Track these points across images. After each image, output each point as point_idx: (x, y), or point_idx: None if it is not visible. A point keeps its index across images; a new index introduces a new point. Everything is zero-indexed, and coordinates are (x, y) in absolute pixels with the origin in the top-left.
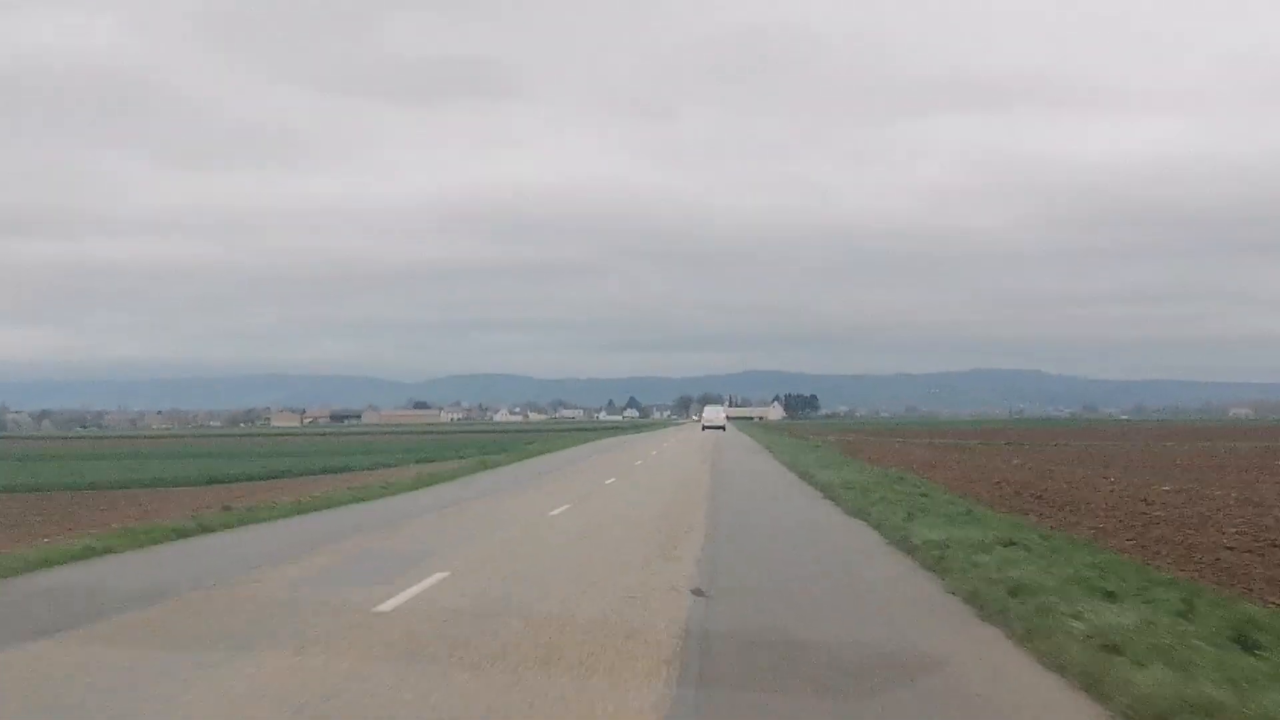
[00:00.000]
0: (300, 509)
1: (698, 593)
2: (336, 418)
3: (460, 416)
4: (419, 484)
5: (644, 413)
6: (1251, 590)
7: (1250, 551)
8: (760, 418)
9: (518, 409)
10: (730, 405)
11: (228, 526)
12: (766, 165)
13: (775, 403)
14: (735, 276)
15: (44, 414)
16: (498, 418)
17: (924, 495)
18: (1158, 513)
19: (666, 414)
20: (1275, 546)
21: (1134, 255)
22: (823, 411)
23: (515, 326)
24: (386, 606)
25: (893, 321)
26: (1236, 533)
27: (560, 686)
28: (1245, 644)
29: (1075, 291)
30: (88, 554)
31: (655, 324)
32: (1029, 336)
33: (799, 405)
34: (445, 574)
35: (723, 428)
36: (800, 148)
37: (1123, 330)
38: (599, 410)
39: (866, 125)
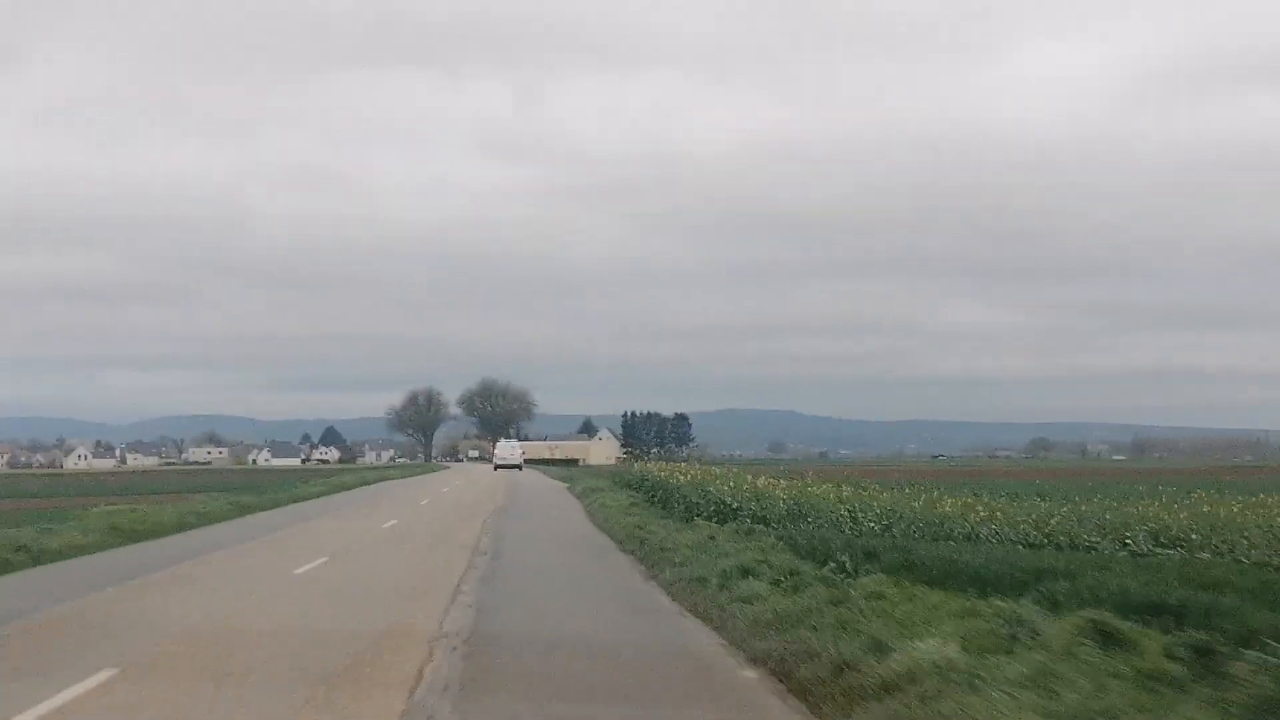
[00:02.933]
0: None
1: None
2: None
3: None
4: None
5: (349, 453)
6: None
7: None
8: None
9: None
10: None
11: None
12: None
13: (605, 433)
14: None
15: None
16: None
17: None
18: None
19: (390, 456)
20: None
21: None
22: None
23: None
24: None
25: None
26: None
27: None
28: None
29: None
30: None
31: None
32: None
33: (646, 435)
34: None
35: (519, 466)
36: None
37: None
38: (255, 449)
39: None
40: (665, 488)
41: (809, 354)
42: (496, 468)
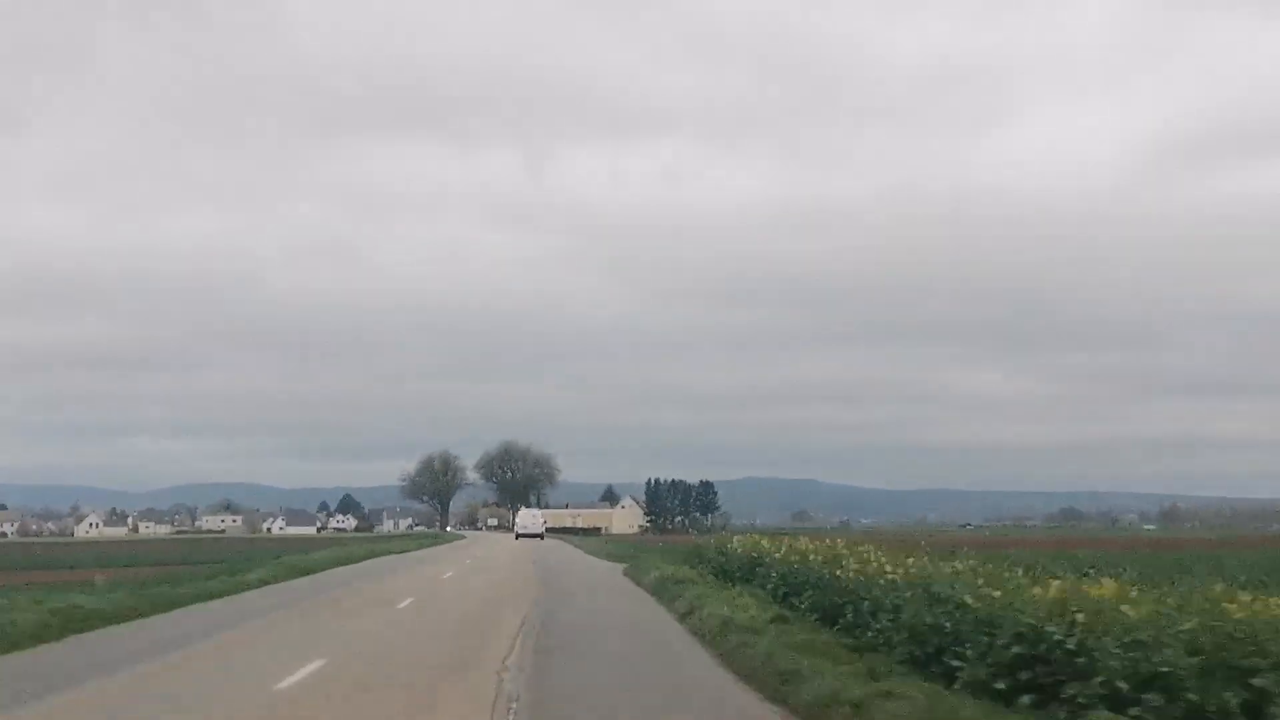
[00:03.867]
0: None
1: None
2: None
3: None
4: None
5: (366, 521)
6: None
7: None
8: (595, 528)
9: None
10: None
11: None
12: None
13: (628, 501)
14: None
15: None
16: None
17: None
18: None
19: (409, 524)
20: None
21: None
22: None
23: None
24: None
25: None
26: None
27: None
28: None
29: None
30: None
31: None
32: (796, 445)
33: (671, 503)
34: None
35: (541, 535)
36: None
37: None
38: (270, 517)
39: None
40: (805, 579)
41: (824, 422)
42: (518, 536)
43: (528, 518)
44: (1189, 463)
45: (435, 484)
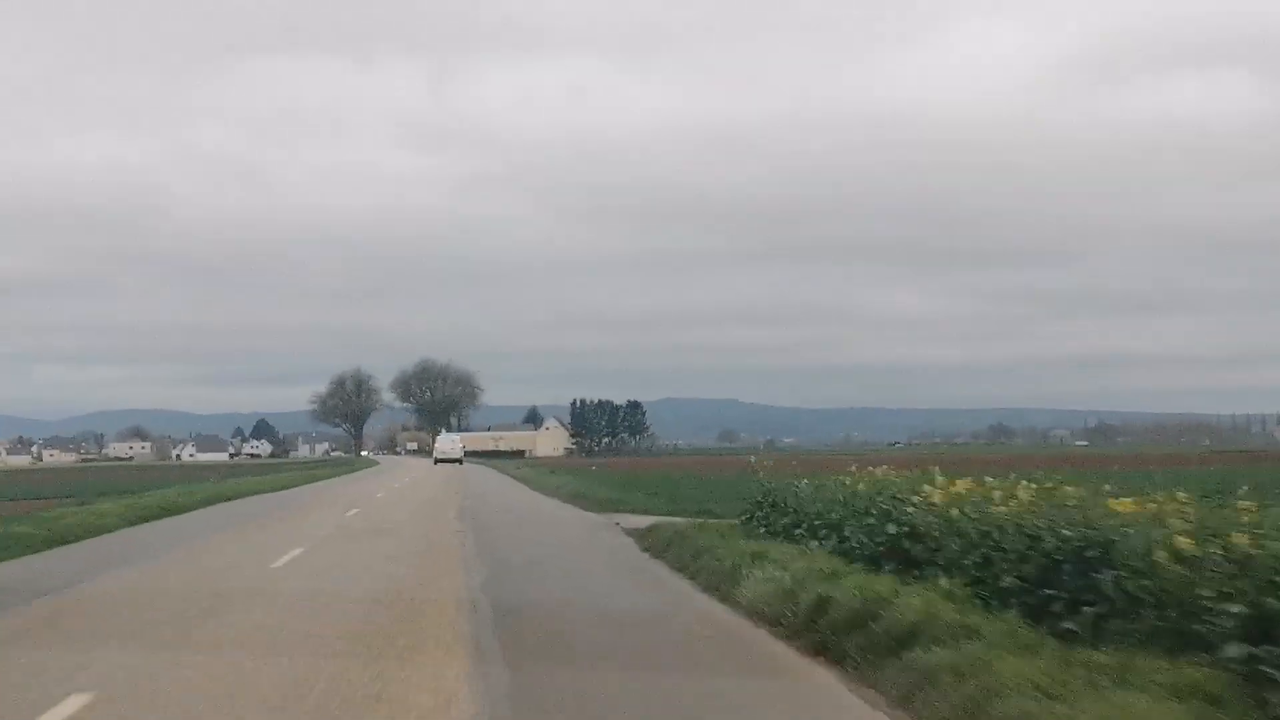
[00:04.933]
0: None
1: None
2: None
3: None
4: None
5: (281, 446)
6: None
7: None
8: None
9: None
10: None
11: None
12: None
13: (552, 422)
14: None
15: None
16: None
17: None
18: None
19: (325, 449)
20: None
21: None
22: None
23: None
24: None
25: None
26: None
27: None
28: None
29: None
30: None
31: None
32: (715, 366)
33: (597, 424)
34: None
35: (459, 460)
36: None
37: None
38: (181, 444)
39: None
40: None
41: (745, 343)
42: (436, 462)
43: (446, 443)
44: (1115, 380)
45: (348, 406)
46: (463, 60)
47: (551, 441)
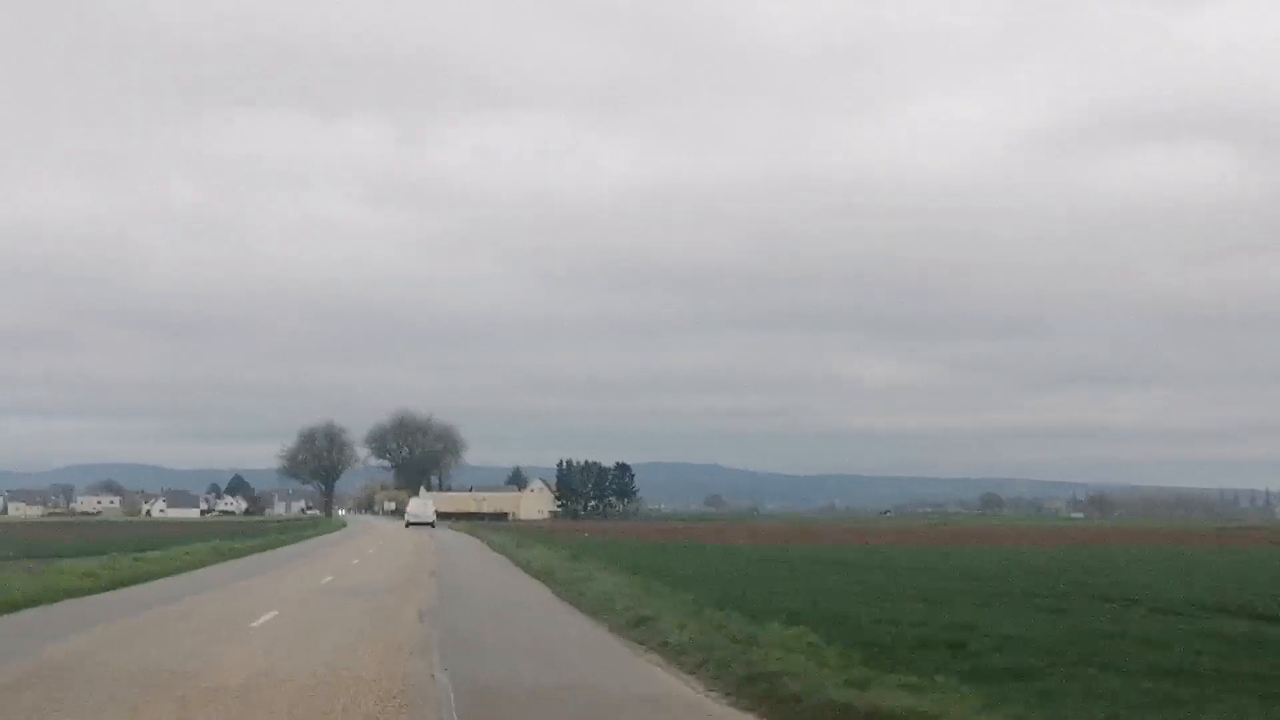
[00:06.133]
0: None
1: None
2: None
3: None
4: None
5: (256, 503)
6: None
7: None
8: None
9: None
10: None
11: None
12: None
13: (537, 484)
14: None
15: None
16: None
17: None
18: None
19: (301, 506)
20: None
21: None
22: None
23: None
24: None
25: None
26: None
27: None
28: None
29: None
30: None
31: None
32: (695, 430)
33: (584, 487)
34: None
35: (431, 524)
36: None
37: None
38: (152, 499)
39: None
40: None
41: (725, 408)
42: (408, 525)
43: (417, 506)
44: (1096, 451)
45: (319, 462)
46: (427, 117)
47: (536, 504)
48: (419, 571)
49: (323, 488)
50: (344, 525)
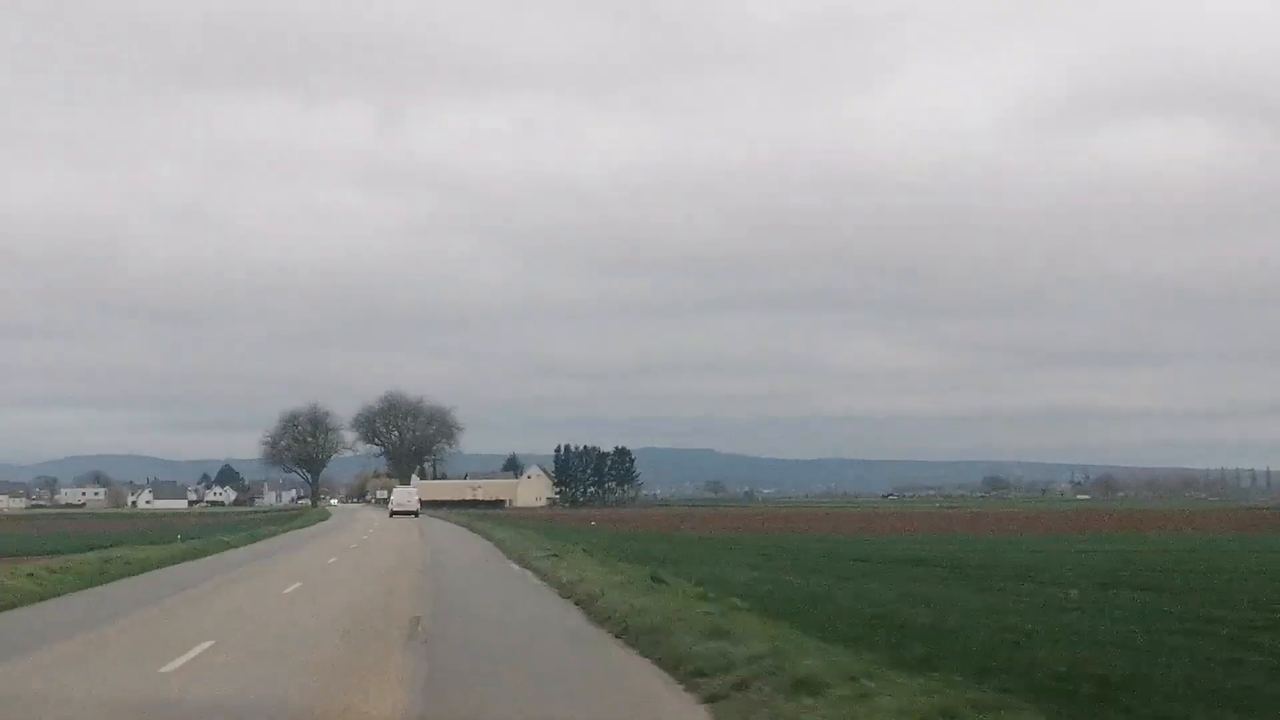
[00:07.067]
0: None
1: None
2: None
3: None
4: None
5: (246, 493)
6: None
7: None
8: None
9: None
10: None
11: None
12: None
13: (535, 470)
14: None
15: None
16: None
17: None
18: None
19: (292, 496)
20: None
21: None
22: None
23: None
24: None
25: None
26: None
27: None
28: None
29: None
30: None
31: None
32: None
33: (582, 473)
34: None
35: (415, 513)
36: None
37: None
38: (138, 490)
39: None
40: None
41: (720, 392)
42: (393, 514)
43: (402, 495)
44: (1095, 433)
45: (304, 448)
46: (412, 99)
47: (533, 491)
48: (413, 570)
49: (307, 476)
50: (326, 518)
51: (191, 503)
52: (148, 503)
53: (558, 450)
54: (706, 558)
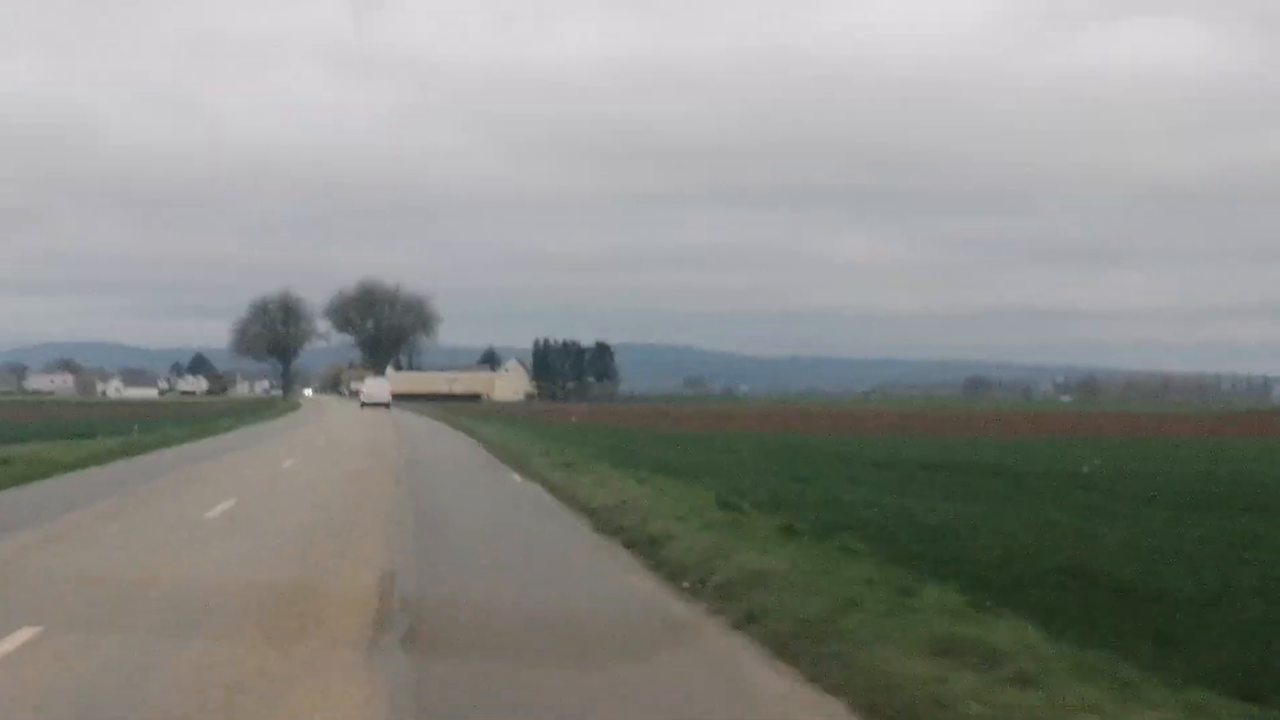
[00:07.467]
0: None
1: None
2: None
3: None
4: None
5: (219, 383)
6: None
7: None
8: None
9: None
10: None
11: None
12: None
13: (512, 364)
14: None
15: None
16: None
17: None
18: None
19: (265, 386)
20: None
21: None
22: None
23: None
24: None
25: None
26: None
27: None
28: None
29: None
30: None
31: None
32: (670, 311)
33: (562, 367)
34: None
35: (387, 405)
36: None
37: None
38: (109, 377)
39: None
40: None
41: (701, 287)
42: (363, 406)
43: (373, 385)
44: (1076, 333)
45: (275, 337)
46: None
47: (511, 385)
48: (385, 468)
49: (279, 366)
50: (296, 409)
51: (163, 391)
52: (118, 391)
53: (536, 344)
54: (729, 466)
